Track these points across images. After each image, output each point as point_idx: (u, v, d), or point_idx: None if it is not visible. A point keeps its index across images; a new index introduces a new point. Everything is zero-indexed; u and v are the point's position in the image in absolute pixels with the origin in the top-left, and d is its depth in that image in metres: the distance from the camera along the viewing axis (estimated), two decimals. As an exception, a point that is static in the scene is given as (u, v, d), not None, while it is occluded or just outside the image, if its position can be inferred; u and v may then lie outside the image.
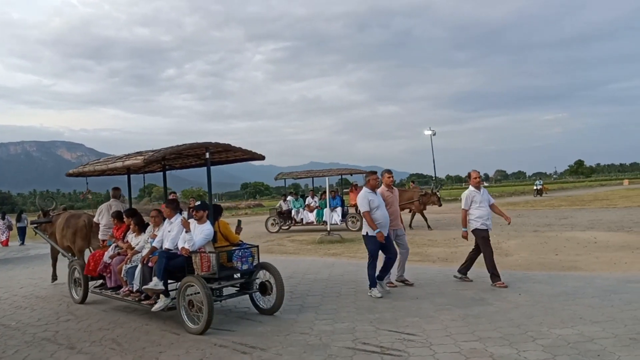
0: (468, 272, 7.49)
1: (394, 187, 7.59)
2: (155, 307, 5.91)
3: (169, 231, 6.23)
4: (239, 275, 6.16)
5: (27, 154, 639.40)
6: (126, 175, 7.73)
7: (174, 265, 5.88)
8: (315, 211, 17.64)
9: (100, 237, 8.06)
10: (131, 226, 6.94)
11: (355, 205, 17.92)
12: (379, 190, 7.06)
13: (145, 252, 6.34)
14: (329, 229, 15.00)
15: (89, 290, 7.32)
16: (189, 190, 75.41)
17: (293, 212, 18.11)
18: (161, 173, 7.78)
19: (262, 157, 6.99)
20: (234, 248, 6.14)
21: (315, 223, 17.51)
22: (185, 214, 6.86)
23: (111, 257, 6.92)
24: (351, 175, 18.73)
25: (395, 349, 4.60)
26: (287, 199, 18.80)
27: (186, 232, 5.85)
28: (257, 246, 6.28)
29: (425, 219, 16.19)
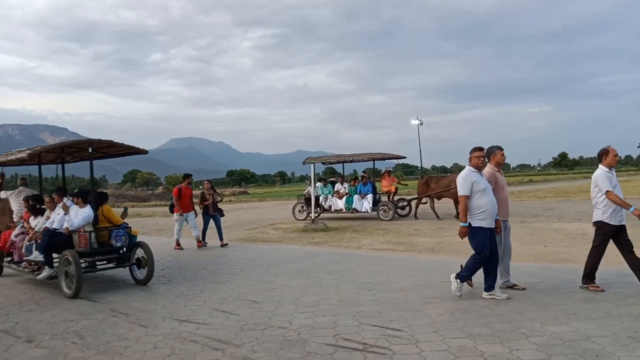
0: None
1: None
2: (40, 276, 7.03)
3: (57, 214, 7.35)
4: (124, 250, 7.33)
5: (9, 137, 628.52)
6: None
7: (57, 241, 6.94)
8: (344, 198, 16.68)
9: (15, 219, 8.82)
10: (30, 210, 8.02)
11: (388, 192, 17.15)
12: (484, 171, 5.84)
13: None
14: (313, 217, 14.65)
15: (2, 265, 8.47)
16: (173, 176, 74.69)
17: (321, 198, 17.09)
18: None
19: (145, 152, 8.19)
20: (110, 228, 7.18)
21: (344, 210, 16.58)
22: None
23: (16, 236, 7.98)
24: (383, 160, 17.77)
25: (379, 345, 4.28)
26: (317, 185, 17.73)
27: (65, 214, 7.11)
28: (130, 227, 7.44)
29: (457, 207, 15.53)
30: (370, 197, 16.17)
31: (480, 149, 5.80)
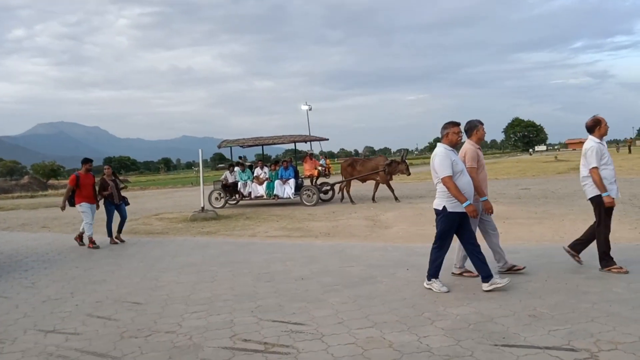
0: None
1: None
2: None
3: None
4: None
5: None
6: None
7: None
8: (265, 184, 15.71)
9: None
10: None
11: (310, 177, 16.31)
12: (466, 149, 5.36)
13: None
14: (202, 205, 13.83)
15: None
16: (40, 164, 67.85)
17: (240, 184, 16.01)
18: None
19: None
20: None
21: (265, 197, 15.64)
22: None
23: None
24: (305, 142, 16.87)
25: (281, 344, 3.89)
26: (234, 170, 16.55)
27: None
28: None
29: (392, 190, 14.90)
30: (292, 182, 15.49)
31: (457, 124, 5.11)
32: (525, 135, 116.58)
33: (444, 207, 4.93)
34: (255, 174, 16.29)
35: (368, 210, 12.68)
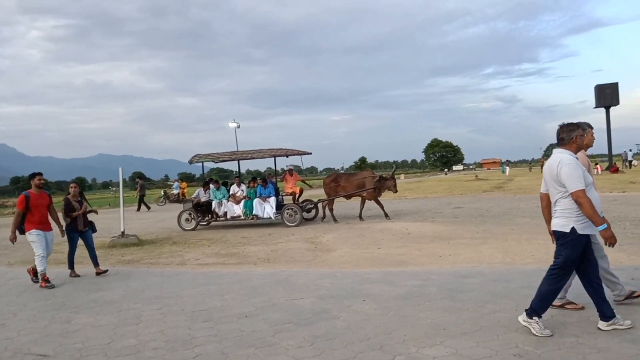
0: None
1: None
2: None
3: None
4: None
5: None
6: None
7: None
8: (242, 202, 14.23)
9: None
10: None
11: (292, 194, 14.87)
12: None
13: None
14: (122, 230, 12.52)
15: None
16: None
17: (214, 204, 14.46)
18: None
19: None
20: None
21: (242, 217, 14.16)
22: None
23: None
24: (286, 156, 15.24)
25: (231, 408, 3.12)
26: (209, 187, 14.88)
27: None
28: None
29: (382, 207, 14.00)
30: (272, 200, 14.13)
31: (585, 126, 4.23)
32: (443, 155, 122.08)
33: (573, 228, 3.96)
34: (231, 192, 14.91)
35: (306, 232, 12.05)
